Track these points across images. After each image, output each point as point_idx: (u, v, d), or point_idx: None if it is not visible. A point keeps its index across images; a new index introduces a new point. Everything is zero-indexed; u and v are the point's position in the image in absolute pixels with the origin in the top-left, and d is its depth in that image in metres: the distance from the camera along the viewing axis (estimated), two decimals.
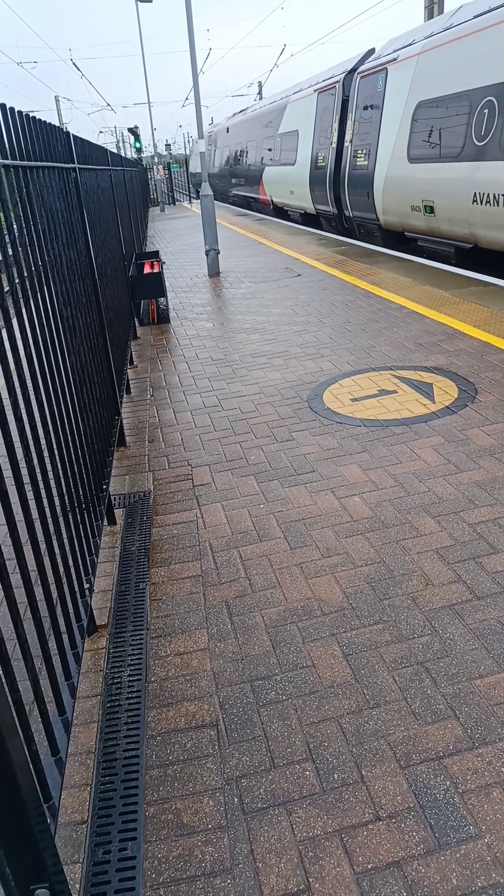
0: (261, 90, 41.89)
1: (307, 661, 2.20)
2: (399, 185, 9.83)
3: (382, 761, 1.81)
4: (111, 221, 5.19)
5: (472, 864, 1.53)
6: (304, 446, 3.83)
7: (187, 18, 9.40)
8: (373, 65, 10.92)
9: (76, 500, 2.24)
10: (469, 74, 7.81)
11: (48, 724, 1.52)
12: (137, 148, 29.02)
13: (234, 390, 4.92)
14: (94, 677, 2.21)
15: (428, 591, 2.47)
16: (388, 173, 10.14)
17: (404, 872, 1.53)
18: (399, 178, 9.81)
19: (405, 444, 3.69)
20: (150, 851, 1.64)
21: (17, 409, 1.60)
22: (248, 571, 2.72)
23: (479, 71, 7.58)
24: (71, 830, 1.70)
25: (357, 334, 5.93)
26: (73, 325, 2.67)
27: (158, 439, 4.19)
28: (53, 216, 2.51)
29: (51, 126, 2.67)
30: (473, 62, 7.71)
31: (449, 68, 8.31)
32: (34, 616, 1.53)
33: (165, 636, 2.39)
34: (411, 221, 9.67)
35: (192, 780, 1.82)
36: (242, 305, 7.73)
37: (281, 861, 1.58)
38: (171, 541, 3.02)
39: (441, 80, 8.50)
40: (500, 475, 3.24)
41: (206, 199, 9.87)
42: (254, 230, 15.22)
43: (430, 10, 16.02)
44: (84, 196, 3.42)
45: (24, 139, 2.12)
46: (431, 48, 8.83)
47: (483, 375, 4.58)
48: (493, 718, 1.90)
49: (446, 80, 8.37)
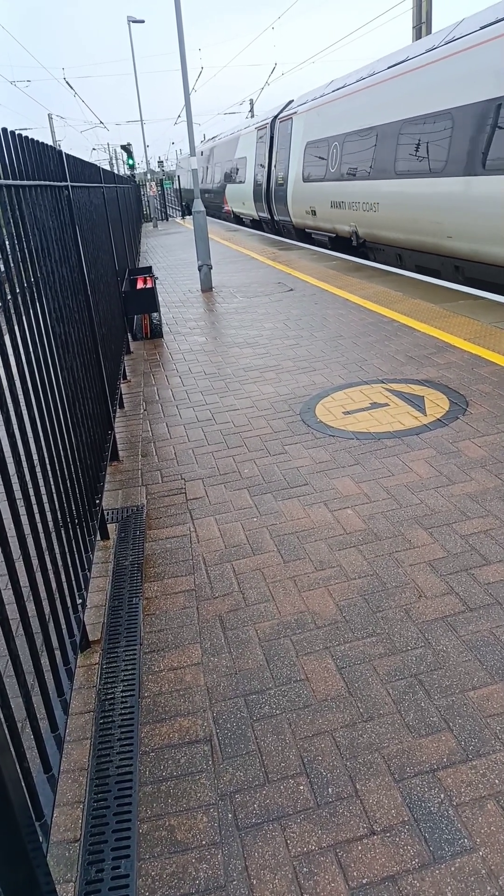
0: (252, 108, 42.35)
1: (301, 674, 2.20)
2: (300, 197, 14.77)
3: (377, 775, 1.80)
4: (104, 238, 5.23)
5: (466, 877, 1.52)
6: (296, 459, 3.84)
7: (179, 38, 9.54)
8: (286, 114, 16.04)
9: (69, 516, 2.24)
10: (327, 127, 12.93)
11: (40, 740, 1.51)
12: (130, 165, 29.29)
13: (227, 404, 4.94)
14: (87, 693, 2.20)
15: (421, 603, 2.48)
16: (294, 189, 15.11)
17: (399, 887, 1.52)
18: (299, 192, 14.74)
19: (397, 457, 3.71)
20: (143, 869, 1.62)
21: (9, 424, 1.61)
22: (241, 585, 2.73)
23: (331, 126, 12.67)
24: (64, 848, 1.69)
25: (349, 348, 5.97)
26: (66, 340, 2.69)
27: (151, 453, 4.20)
28: (46, 234, 2.53)
29: (43, 145, 2.70)
30: (330, 119, 12.80)
31: (320, 122, 13.42)
32: (26, 632, 1.53)
33: (159, 651, 2.39)
34: (307, 221, 14.72)
35: (185, 796, 1.81)
36: (235, 320, 7.78)
37: (275, 877, 1.57)
38: (165, 555, 3.01)
39: (316, 129, 13.61)
40: (492, 487, 3.26)
41: (199, 215, 9.95)
42: (246, 245, 15.34)
43: (417, 31, 16.29)
44: (76, 213, 3.45)
45: (17, 158, 2.14)
46: (313, 108, 13.87)
47: (474, 388, 4.61)
48: (487, 730, 1.90)
49: (318, 130, 13.46)
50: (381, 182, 10.25)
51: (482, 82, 7.52)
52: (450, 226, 8.30)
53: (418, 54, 9.29)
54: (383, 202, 10.21)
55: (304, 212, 14.56)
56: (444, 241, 8.58)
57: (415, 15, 15.99)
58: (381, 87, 10.33)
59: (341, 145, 11.95)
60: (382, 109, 10.19)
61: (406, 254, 10.11)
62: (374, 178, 10.50)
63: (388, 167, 9.95)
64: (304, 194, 14.36)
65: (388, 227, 10.21)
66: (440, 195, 8.44)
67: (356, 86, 11.47)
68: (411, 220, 9.35)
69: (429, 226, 8.84)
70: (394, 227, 10.00)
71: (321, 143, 13.14)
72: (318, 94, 14.03)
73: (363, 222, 11.24)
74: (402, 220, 9.64)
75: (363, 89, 11.10)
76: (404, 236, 9.71)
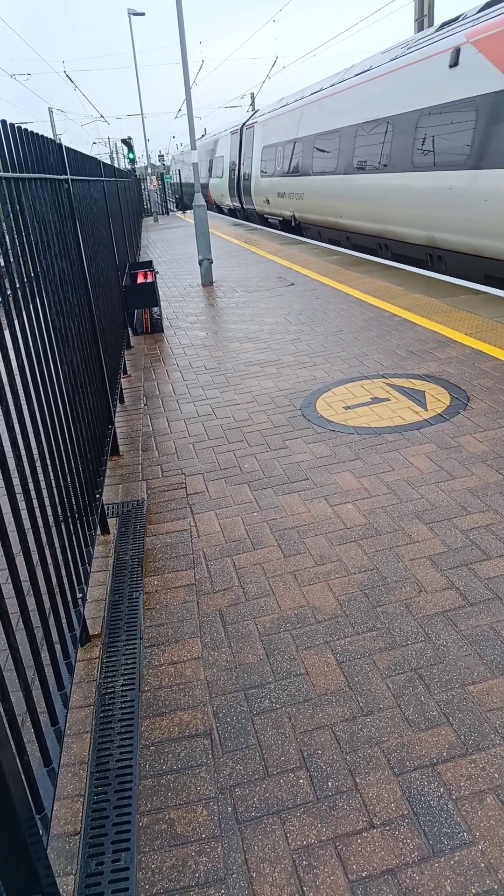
0: (253, 101, 42.12)
1: (301, 668, 2.20)
2: (259, 190, 18.97)
3: (376, 769, 1.81)
4: (104, 232, 5.21)
5: (466, 870, 1.53)
6: (297, 454, 3.84)
7: (179, 31, 9.48)
8: (250, 122, 20.53)
9: (69, 510, 2.24)
10: (274, 136, 16.96)
11: (41, 734, 1.52)
12: (131, 159, 29.19)
13: (228, 399, 4.94)
14: (88, 687, 2.20)
15: (421, 597, 2.48)
16: (255, 183, 19.26)
17: (399, 880, 1.52)
18: (258, 185, 18.91)
19: (398, 452, 3.71)
20: (143, 862, 1.63)
21: (9, 419, 1.61)
22: (241, 580, 2.73)
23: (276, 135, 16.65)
24: (64, 842, 1.69)
25: (350, 342, 5.96)
26: (66, 335, 2.68)
27: (152, 448, 4.20)
28: (46, 227, 2.52)
29: (43, 138, 2.69)
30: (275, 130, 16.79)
31: (270, 131, 17.51)
32: (27, 626, 1.53)
33: (159, 645, 2.39)
34: (265, 208, 18.83)
35: (185, 789, 1.81)
36: (236, 314, 7.77)
37: (275, 870, 1.58)
38: (165, 549, 3.02)
39: (268, 136, 17.69)
40: (493, 482, 3.26)
41: (199, 209, 9.91)
42: (247, 240, 15.30)
43: (419, 23, 16.20)
44: (77, 207, 3.44)
45: (17, 151, 2.13)
46: (267, 119, 17.99)
47: (475, 383, 4.61)
48: (487, 724, 1.90)
49: (269, 137, 17.52)
50: (305, 178, 14.21)
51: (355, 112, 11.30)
52: (340, 209, 12.31)
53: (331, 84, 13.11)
54: (307, 193, 14.21)
55: (262, 201, 18.94)
56: (340, 220, 12.54)
57: (416, 8, 15.90)
58: (305, 108, 14.41)
59: (283, 150, 16.14)
60: (304, 125, 14.36)
61: (323, 230, 14.02)
62: (301, 176, 14.47)
63: (308, 168, 13.97)
64: (261, 187, 18.65)
65: (311, 212, 14.32)
66: (334, 187, 12.35)
67: (292, 105, 15.57)
68: (322, 206, 13.38)
69: (330, 209, 12.89)
70: (313, 212, 14.11)
71: (271, 147, 17.43)
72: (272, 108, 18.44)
73: (297, 208, 15.33)
74: (318, 206, 13.69)
75: (295, 109, 15.16)
76: (320, 217, 13.78)
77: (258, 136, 18.96)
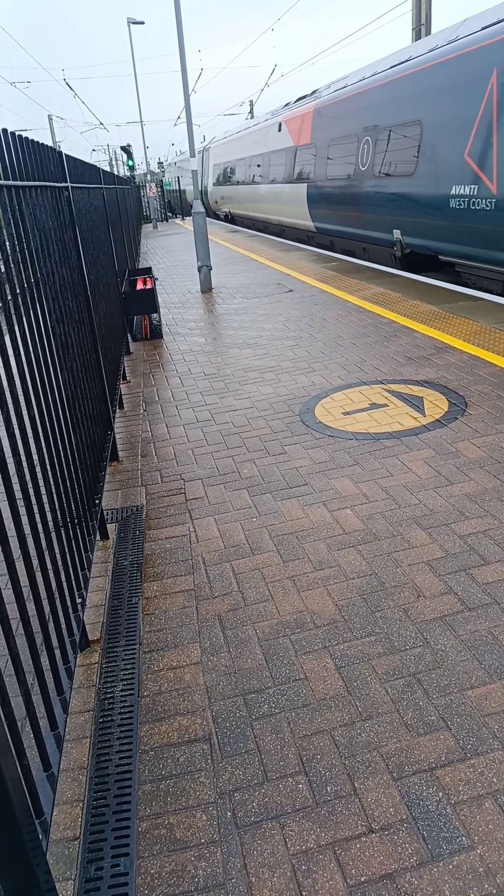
0: (252, 109, 42.34)
1: (300, 673, 2.20)
2: (213, 195, 27.79)
3: (375, 773, 1.81)
4: (104, 238, 5.24)
5: (464, 875, 1.53)
6: (296, 460, 3.85)
7: (178, 39, 9.55)
8: (207, 146, 29.15)
9: (69, 515, 2.25)
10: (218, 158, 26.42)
11: (40, 739, 1.52)
12: (130, 166, 29.35)
13: (227, 405, 4.95)
14: (87, 692, 2.21)
15: (419, 602, 2.49)
16: (212, 190, 28.05)
17: (397, 885, 1.53)
18: (213, 191, 27.71)
19: (396, 457, 3.72)
20: (142, 867, 1.63)
21: (9, 424, 1.62)
22: (240, 585, 2.73)
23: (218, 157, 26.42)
24: (63, 847, 1.70)
25: (348, 349, 5.98)
26: (66, 341, 2.69)
27: (151, 454, 4.21)
28: (46, 234, 2.54)
29: (43, 146, 2.71)
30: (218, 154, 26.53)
31: (216, 154, 26.81)
32: (26, 631, 1.54)
33: (158, 650, 2.39)
34: (216, 208, 27.82)
35: (184, 794, 1.81)
36: (235, 321, 7.79)
37: (274, 875, 1.58)
38: (164, 555, 3.02)
39: (216, 158, 26.80)
40: (490, 487, 3.27)
41: (199, 216, 9.96)
42: (245, 246, 15.36)
43: (417, 32, 16.32)
44: (76, 214, 3.46)
45: (17, 159, 2.15)
46: (215, 145, 27.11)
47: (473, 388, 4.62)
48: (485, 729, 1.91)
49: (216, 158, 26.74)
50: (234, 187, 22.96)
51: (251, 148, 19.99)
52: (252, 206, 20.54)
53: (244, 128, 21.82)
54: (234, 196, 23.25)
55: (214, 202, 28.12)
56: (253, 213, 20.75)
57: (414, 17, 16.02)
58: (231, 142, 23.48)
59: (222, 168, 25.18)
60: (232, 153, 23.20)
61: (246, 220, 22.71)
62: (232, 185, 23.19)
63: (235, 181, 22.64)
64: (213, 194, 27.75)
65: (238, 208, 23.11)
66: (248, 192, 20.65)
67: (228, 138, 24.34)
68: (244, 205, 21.84)
69: (247, 206, 21.39)
70: (240, 208, 22.82)
71: (217, 166, 26.46)
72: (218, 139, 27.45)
73: (231, 206, 24.52)
74: (241, 205, 22.32)
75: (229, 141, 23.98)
76: (244, 212, 22.27)
77: (211, 157, 28.09)
